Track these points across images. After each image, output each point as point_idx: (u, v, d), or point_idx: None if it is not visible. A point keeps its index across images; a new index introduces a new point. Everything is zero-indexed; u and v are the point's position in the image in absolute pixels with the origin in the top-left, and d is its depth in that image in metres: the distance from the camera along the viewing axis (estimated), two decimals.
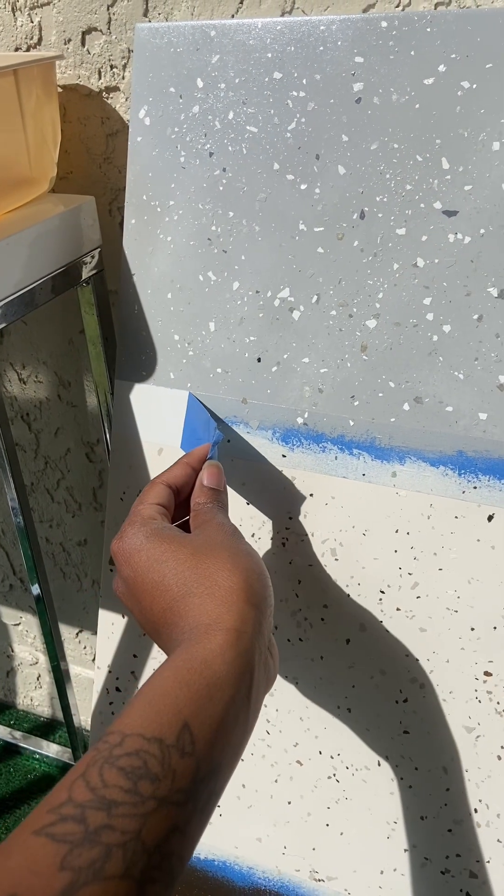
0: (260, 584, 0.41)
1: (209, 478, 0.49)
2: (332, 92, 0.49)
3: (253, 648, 0.38)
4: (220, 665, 0.36)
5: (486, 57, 0.45)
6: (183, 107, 0.54)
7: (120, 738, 0.33)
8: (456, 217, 0.48)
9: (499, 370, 0.49)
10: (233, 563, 0.41)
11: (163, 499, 0.47)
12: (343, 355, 0.53)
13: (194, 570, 0.41)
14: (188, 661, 0.36)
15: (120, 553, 0.44)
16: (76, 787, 0.31)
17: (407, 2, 0.50)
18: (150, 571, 0.42)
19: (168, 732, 0.33)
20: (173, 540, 0.43)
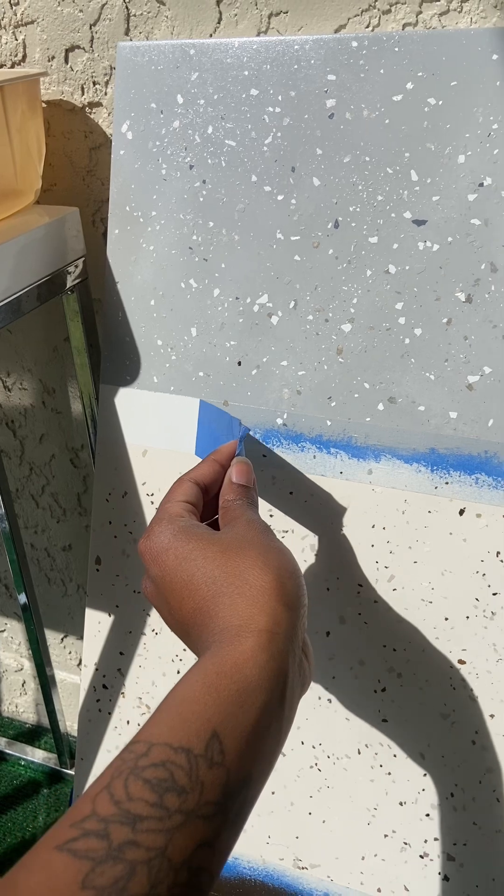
0: (293, 582, 0.39)
1: (238, 474, 0.48)
2: (306, 108, 0.52)
3: (286, 651, 0.37)
4: (252, 669, 0.35)
5: (451, 75, 0.48)
6: (164, 121, 0.56)
7: (146, 748, 0.32)
8: (425, 226, 0.51)
9: (467, 371, 0.52)
10: (264, 560, 0.39)
11: (191, 496, 0.46)
12: (320, 358, 0.55)
13: (224, 568, 0.39)
14: (218, 664, 0.35)
15: (147, 552, 0.42)
16: (100, 799, 0.30)
17: (376, 23, 0.52)
18: (178, 570, 0.40)
19: (196, 742, 0.32)
20: (202, 538, 0.41)
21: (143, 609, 0.65)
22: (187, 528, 0.42)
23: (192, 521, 0.44)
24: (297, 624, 0.38)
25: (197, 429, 0.59)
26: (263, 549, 0.40)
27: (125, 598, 0.66)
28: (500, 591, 0.54)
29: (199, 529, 0.42)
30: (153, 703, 0.66)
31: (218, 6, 0.56)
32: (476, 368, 0.51)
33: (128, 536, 0.64)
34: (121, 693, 0.67)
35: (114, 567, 0.65)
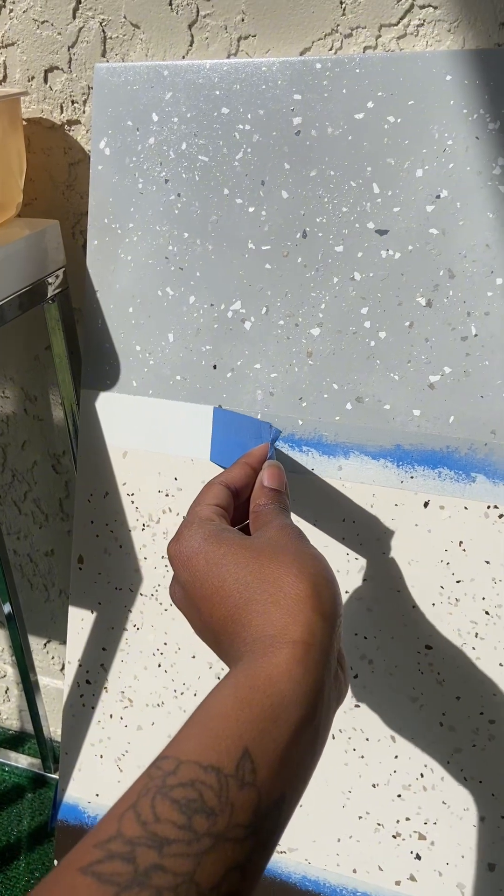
0: (329, 591, 0.37)
1: (270, 478, 0.46)
2: (274, 125, 0.55)
3: (322, 663, 0.35)
4: (287, 683, 0.33)
5: (409, 95, 0.51)
6: (140, 138, 0.59)
7: (174, 765, 0.30)
8: (387, 235, 0.54)
9: (429, 371, 0.55)
10: (298, 567, 0.38)
11: (221, 500, 0.44)
12: (291, 361, 0.58)
13: (257, 574, 0.38)
14: (251, 677, 0.33)
15: (177, 556, 0.41)
16: (126, 820, 0.29)
17: (339, 46, 0.55)
18: (209, 575, 0.39)
19: (226, 760, 0.30)
20: (234, 542, 0.40)
21: (125, 605, 0.67)
22: (218, 531, 0.41)
23: (224, 524, 0.42)
24: (333, 634, 0.36)
25: (211, 435, 0.61)
26: (298, 554, 0.39)
27: (107, 596, 0.68)
28: (464, 579, 0.56)
29: (230, 534, 0.41)
30: (135, 696, 0.68)
31: (190, 30, 0.59)
32: (437, 368, 0.54)
33: (109, 535, 0.66)
34: (104, 688, 0.69)
35: (96, 565, 0.67)
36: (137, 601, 0.66)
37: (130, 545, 0.66)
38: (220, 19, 0.57)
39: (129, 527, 0.65)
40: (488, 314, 0.52)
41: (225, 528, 0.42)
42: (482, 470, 0.55)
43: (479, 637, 0.57)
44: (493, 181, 0.51)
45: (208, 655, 0.64)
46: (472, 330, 0.53)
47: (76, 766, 0.71)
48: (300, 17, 0.55)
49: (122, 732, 0.69)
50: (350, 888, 0.63)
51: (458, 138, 0.51)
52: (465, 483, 0.55)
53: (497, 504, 0.55)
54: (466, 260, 0.52)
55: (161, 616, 0.66)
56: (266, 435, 0.51)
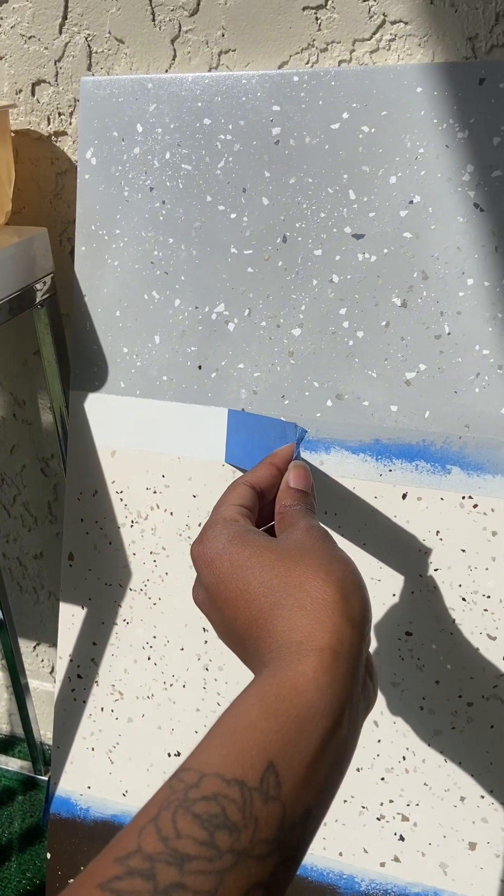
0: (357, 596, 0.36)
1: (296, 479, 0.45)
2: (254, 135, 0.57)
3: (350, 671, 0.34)
4: (313, 693, 0.32)
5: (382, 106, 0.54)
6: (125, 148, 0.61)
7: (197, 778, 0.30)
8: (363, 239, 0.56)
9: (405, 368, 0.57)
10: (326, 571, 0.36)
11: (246, 500, 0.43)
12: (273, 360, 0.60)
13: (283, 578, 0.36)
14: (276, 686, 0.32)
15: (200, 557, 0.40)
16: (147, 834, 0.28)
17: (315, 59, 0.58)
18: (233, 578, 0.38)
19: (251, 773, 0.29)
20: (259, 544, 0.39)
21: (115, 601, 0.68)
22: (243, 533, 0.40)
23: (248, 525, 0.41)
24: (361, 642, 0.35)
25: (226, 437, 0.62)
26: (325, 558, 0.37)
27: (97, 591, 0.69)
28: (441, 567, 0.59)
29: (255, 535, 0.40)
30: (125, 689, 0.69)
31: (172, 44, 0.61)
32: (412, 366, 0.57)
33: (99, 532, 0.68)
34: (95, 682, 0.70)
35: (86, 562, 0.69)
36: (127, 596, 0.68)
37: (120, 542, 0.67)
38: (202, 34, 0.60)
39: (118, 524, 0.67)
40: (460, 313, 0.55)
41: (250, 529, 0.41)
42: (457, 462, 0.57)
43: (457, 623, 0.59)
44: (463, 187, 0.53)
45: (196, 648, 0.66)
46: (446, 328, 0.55)
47: (68, 760, 0.72)
48: (278, 32, 0.57)
49: (113, 725, 0.70)
50: (336, 871, 0.65)
51: (428, 147, 0.53)
52: (440, 475, 0.58)
53: (472, 494, 0.57)
54: (439, 262, 0.55)
55: (150, 610, 0.67)
56: (291, 435, 0.51)
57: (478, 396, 0.55)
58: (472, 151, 0.52)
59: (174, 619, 0.67)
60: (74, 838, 0.72)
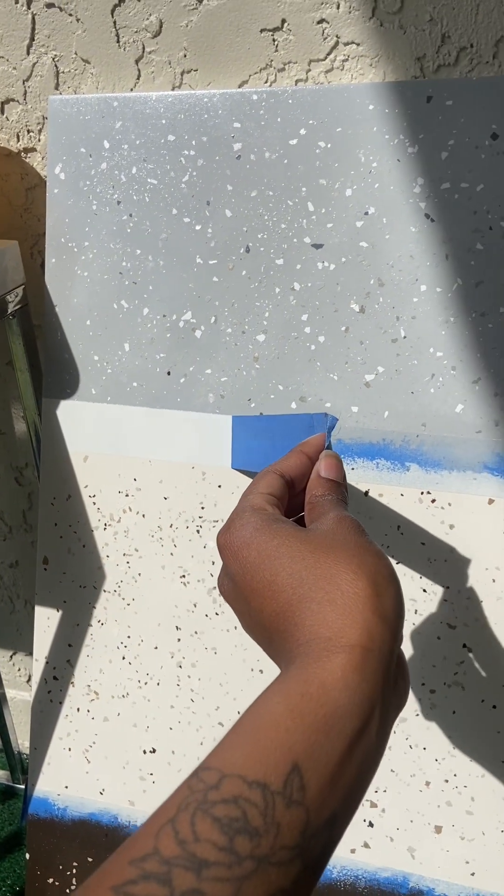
0: (390, 590, 0.35)
1: (327, 468, 0.44)
2: (216, 150, 0.59)
3: (381, 670, 0.32)
4: (342, 692, 0.30)
5: (337, 122, 0.57)
6: (93, 164, 0.63)
7: (217, 778, 0.28)
8: (322, 249, 0.59)
9: (364, 370, 0.59)
10: (357, 563, 0.35)
11: (275, 489, 0.42)
12: (239, 365, 0.62)
13: (312, 569, 0.35)
14: (303, 684, 0.31)
15: (227, 546, 0.38)
16: (164, 836, 0.27)
17: (273, 79, 0.60)
18: (260, 568, 0.36)
19: (274, 776, 0.28)
20: (288, 533, 0.37)
21: (89, 602, 0.70)
22: (271, 521, 0.38)
23: (277, 514, 0.39)
24: (393, 639, 0.33)
25: (232, 443, 0.63)
26: (357, 550, 0.36)
27: (72, 594, 0.70)
28: (402, 560, 0.61)
29: (284, 524, 0.38)
30: (101, 689, 0.71)
31: (137, 65, 0.63)
32: (371, 368, 0.59)
33: (73, 536, 0.69)
34: (70, 682, 0.72)
35: (60, 565, 0.70)
36: (101, 597, 0.69)
37: (93, 544, 0.69)
38: (165, 55, 0.62)
39: (91, 527, 0.69)
40: (415, 318, 0.58)
41: (279, 518, 0.39)
42: (415, 459, 0.59)
43: (418, 613, 0.61)
44: (414, 198, 0.56)
45: (170, 646, 0.68)
46: (402, 332, 0.58)
47: (45, 760, 0.73)
48: (237, 53, 0.60)
49: (89, 724, 0.71)
50: None
51: (381, 161, 0.56)
52: (400, 472, 0.60)
53: (430, 490, 0.59)
54: (394, 269, 0.57)
55: (124, 611, 0.69)
56: (320, 425, 0.49)
57: (433, 396, 0.58)
58: (422, 165, 0.55)
59: (148, 618, 0.68)
60: (53, 837, 0.73)
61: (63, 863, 0.73)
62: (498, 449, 0.57)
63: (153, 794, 0.70)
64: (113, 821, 0.72)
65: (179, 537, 0.66)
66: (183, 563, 0.66)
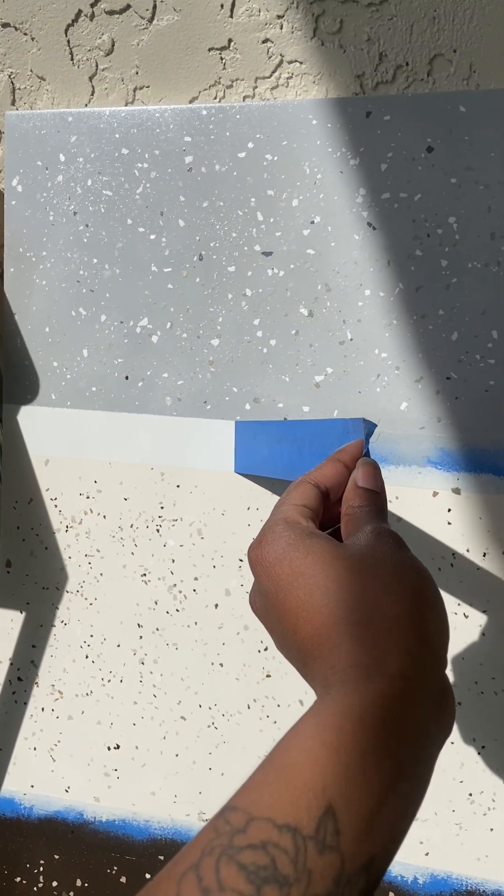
0: (434, 612, 0.32)
1: (364, 477, 0.41)
2: (168, 163, 0.61)
3: (424, 700, 0.30)
4: (381, 727, 0.28)
5: (283, 136, 0.59)
6: (49, 176, 0.64)
7: (244, 821, 0.26)
8: (272, 256, 0.61)
9: (314, 372, 0.62)
10: (398, 582, 0.32)
11: (310, 500, 0.39)
12: (195, 369, 0.64)
13: (349, 589, 0.32)
14: (338, 717, 0.28)
15: (259, 562, 0.36)
16: (187, 882, 0.25)
17: (222, 95, 0.63)
18: (294, 587, 0.34)
19: (305, 819, 0.26)
20: (323, 549, 0.34)
21: (52, 603, 0.71)
22: (305, 536, 0.36)
23: (312, 528, 0.37)
24: (437, 665, 0.31)
25: (235, 447, 0.63)
26: (397, 567, 0.33)
27: (35, 596, 0.71)
28: None
29: (319, 539, 0.35)
30: (65, 688, 0.71)
31: (91, 81, 0.65)
32: (320, 369, 0.62)
33: (35, 539, 0.70)
34: (35, 683, 0.72)
35: (23, 568, 0.71)
36: (64, 598, 0.70)
37: (55, 546, 0.70)
38: (118, 72, 0.64)
39: (53, 529, 0.70)
40: (360, 321, 0.60)
41: (313, 532, 0.36)
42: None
43: None
44: (357, 208, 0.58)
45: (132, 643, 0.69)
46: (348, 335, 0.60)
47: (11, 761, 0.73)
48: (187, 70, 0.62)
49: (54, 723, 0.72)
50: None
51: (326, 172, 0.59)
52: None
53: None
54: (339, 275, 0.60)
55: (86, 610, 0.70)
56: (357, 431, 0.46)
57: (379, 395, 0.60)
58: (364, 176, 0.58)
59: (110, 617, 0.69)
60: (20, 836, 0.74)
61: (30, 861, 0.74)
62: (440, 444, 0.60)
63: (118, 790, 0.71)
64: (79, 818, 0.72)
65: (140, 537, 0.67)
66: (144, 562, 0.68)
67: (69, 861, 0.73)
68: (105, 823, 0.72)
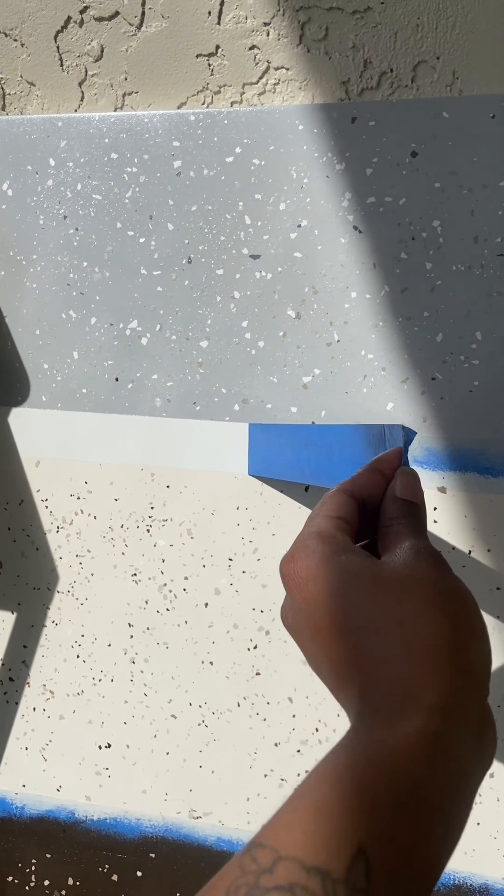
0: (476, 638, 0.30)
1: (403, 487, 0.38)
2: (157, 168, 0.62)
3: (464, 733, 0.28)
4: (418, 763, 0.26)
5: (269, 141, 0.60)
6: (39, 181, 0.65)
7: (271, 860, 0.25)
8: (259, 259, 0.62)
9: (302, 373, 0.62)
10: (438, 606, 0.31)
11: (345, 511, 0.37)
12: (184, 370, 0.65)
13: (386, 611, 0.30)
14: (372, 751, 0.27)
15: (291, 577, 0.34)
16: None
17: (210, 101, 0.63)
18: (327, 606, 0.32)
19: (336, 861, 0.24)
20: (358, 567, 0.33)
21: (43, 604, 0.71)
22: (340, 551, 0.33)
23: (347, 542, 0.35)
24: (479, 696, 0.29)
25: (248, 449, 0.63)
26: (437, 588, 0.31)
27: (26, 596, 0.72)
28: None
29: (355, 556, 0.33)
30: (56, 688, 0.72)
31: (80, 87, 0.65)
32: (308, 370, 0.62)
33: (26, 540, 0.71)
34: (26, 683, 0.72)
35: (14, 569, 0.71)
36: (55, 598, 0.71)
37: (46, 547, 0.70)
38: (107, 78, 0.64)
39: (44, 530, 0.70)
40: (346, 323, 0.61)
41: (348, 547, 0.34)
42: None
43: None
44: (342, 212, 0.59)
45: (123, 643, 0.69)
46: (335, 336, 0.61)
47: (2, 761, 0.74)
48: (175, 76, 0.63)
49: (46, 723, 0.72)
50: None
51: (312, 177, 0.59)
52: None
53: None
54: (326, 278, 0.61)
55: (77, 610, 0.70)
56: (395, 439, 0.43)
57: (366, 396, 0.61)
58: (349, 181, 0.59)
59: (101, 616, 0.70)
60: (12, 836, 0.74)
61: (22, 860, 0.74)
62: (426, 444, 0.61)
63: (109, 789, 0.71)
64: (70, 816, 0.72)
65: (130, 537, 0.68)
66: (134, 562, 0.68)
67: (61, 860, 0.73)
68: (96, 822, 0.72)
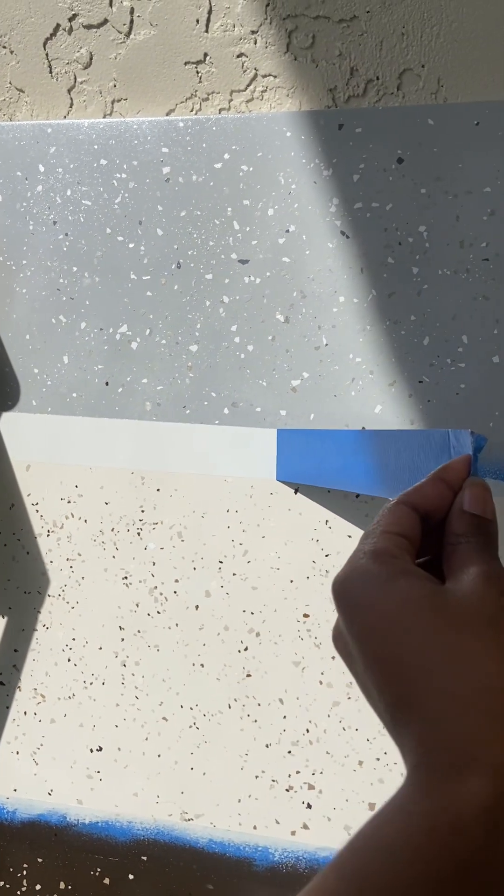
0: None
1: (472, 500, 0.33)
2: (146, 174, 0.62)
3: None
4: (481, 831, 0.23)
5: (257, 147, 0.60)
6: (29, 186, 0.65)
7: None
8: (248, 264, 0.62)
9: (290, 377, 0.63)
10: None
11: (406, 527, 0.33)
12: (174, 374, 0.65)
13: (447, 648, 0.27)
14: (430, 816, 0.24)
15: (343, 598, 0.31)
16: None
17: (198, 107, 0.64)
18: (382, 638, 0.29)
19: None
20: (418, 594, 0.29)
21: (34, 607, 0.71)
22: (400, 574, 0.30)
23: (407, 563, 0.31)
24: None
25: (277, 455, 0.63)
26: None
27: (16, 600, 0.71)
28: (331, 553, 0.64)
29: (416, 579, 0.30)
30: (47, 692, 0.71)
31: (69, 94, 0.66)
32: (297, 374, 0.63)
33: (16, 544, 0.71)
34: (17, 687, 0.72)
35: (5, 573, 0.71)
36: (46, 602, 0.70)
37: (37, 551, 0.70)
38: (96, 85, 0.65)
39: (35, 534, 0.70)
40: (335, 327, 0.61)
41: (407, 569, 0.30)
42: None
43: None
44: (330, 217, 0.60)
45: (114, 646, 0.69)
46: (323, 340, 0.62)
47: None
48: (164, 83, 0.63)
49: (37, 727, 0.72)
50: (252, 844, 0.69)
51: (300, 183, 0.60)
52: None
53: None
54: (314, 282, 0.61)
55: (68, 614, 0.70)
56: (463, 446, 0.38)
57: (354, 399, 0.62)
58: (336, 187, 0.59)
59: (91, 620, 0.69)
60: (3, 840, 0.73)
61: (14, 865, 0.73)
62: None
63: (100, 792, 0.71)
64: (62, 820, 0.72)
65: (121, 540, 0.68)
66: (125, 565, 0.68)
67: (52, 864, 0.73)
68: (88, 825, 0.72)
